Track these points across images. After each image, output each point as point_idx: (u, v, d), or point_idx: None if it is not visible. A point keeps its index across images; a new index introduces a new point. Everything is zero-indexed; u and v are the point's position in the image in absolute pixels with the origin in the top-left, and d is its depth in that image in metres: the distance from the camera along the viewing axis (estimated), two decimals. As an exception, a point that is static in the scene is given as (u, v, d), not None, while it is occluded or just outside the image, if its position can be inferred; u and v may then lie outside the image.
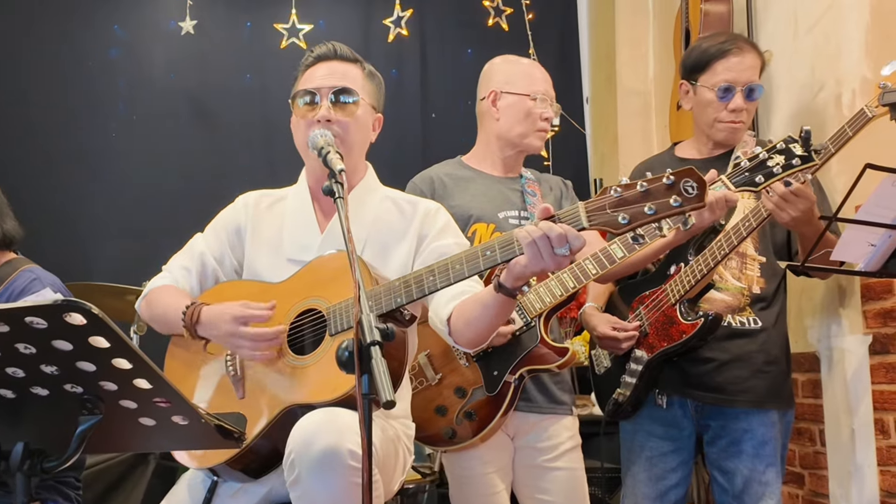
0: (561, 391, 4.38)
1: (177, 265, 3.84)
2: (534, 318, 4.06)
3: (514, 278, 3.11)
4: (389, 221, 3.77)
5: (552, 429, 4.32)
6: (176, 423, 2.43)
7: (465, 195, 4.49)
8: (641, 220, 2.84)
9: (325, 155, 3.30)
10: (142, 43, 7.86)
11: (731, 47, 4.56)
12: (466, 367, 4.17)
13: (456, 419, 4.13)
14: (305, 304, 3.51)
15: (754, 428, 4.50)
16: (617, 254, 3.92)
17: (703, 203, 2.80)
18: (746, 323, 4.57)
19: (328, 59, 3.76)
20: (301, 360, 3.40)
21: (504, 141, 4.53)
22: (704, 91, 4.60)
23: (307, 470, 3.00)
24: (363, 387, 2.48)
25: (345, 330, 3.32)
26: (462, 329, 3.45)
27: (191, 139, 7.77)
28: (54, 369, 2.28)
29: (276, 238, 3.81)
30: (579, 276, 4.01)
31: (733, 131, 4.61)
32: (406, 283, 3.29)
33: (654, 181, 2.84)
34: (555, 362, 4.05)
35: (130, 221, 7.63)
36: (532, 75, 4.56)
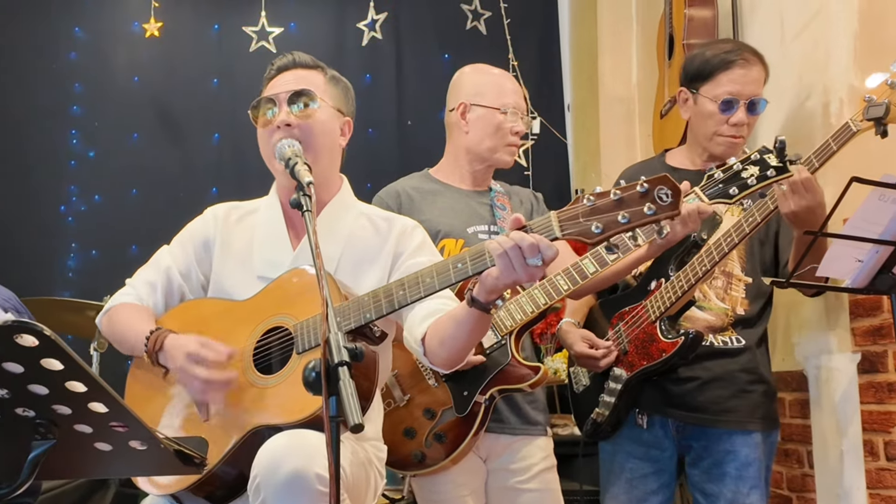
0: (535, 411, 4.36)
1: (141, 280, 3.81)
2: (504, 335, 4.05)
3: (487, 291, 3.11)
4: (364, 239, 3.74)
5: (525, 450, 4.30)
6: (133, 449, 2.40)
7: (432, 210, 4.47)
8: (615, 228, 2.87)
9: (292, 166, 3.27)
10: (104, 45, 7.84)
11: (736, 58, 4.53)
12: (435, 387, 4.14)
13: (425, 441, 4.10)
14: (272, 321, 3.48)
15: (737, 449, 4.50)
16: (589, 269, 3.92)
17: (678, 211, 2.82)
18: (729, 342, 4.57)
19: (288, 69, 3.77)
20: (267, 380, 3.37)
21: (473, 155, 4.52)
22: (705, 102, 4.56)
23: (273, 495, 2.98)
24: (331, 409, 2.47)
25: (312, 348, 3.29)
26: (436, 349, 3.42)
27: (155, 146, 7.74)
28: (4, 392, 2.25)
29: (246, 253, 3.78)
30: (550, 293, 4.01)
31: (732, 146, 4.57)
32: (376, 298, 3.27)
33: (627, 189, 2.87)
34: (527, 381, 4.03)
35: (91, 232, 7.59)
36: (503, 87, 4.54)
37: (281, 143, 3.45)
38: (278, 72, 3.77)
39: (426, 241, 3.78)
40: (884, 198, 3.69)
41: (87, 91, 7.78)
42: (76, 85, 7.80)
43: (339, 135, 3.79)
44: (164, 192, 7.61)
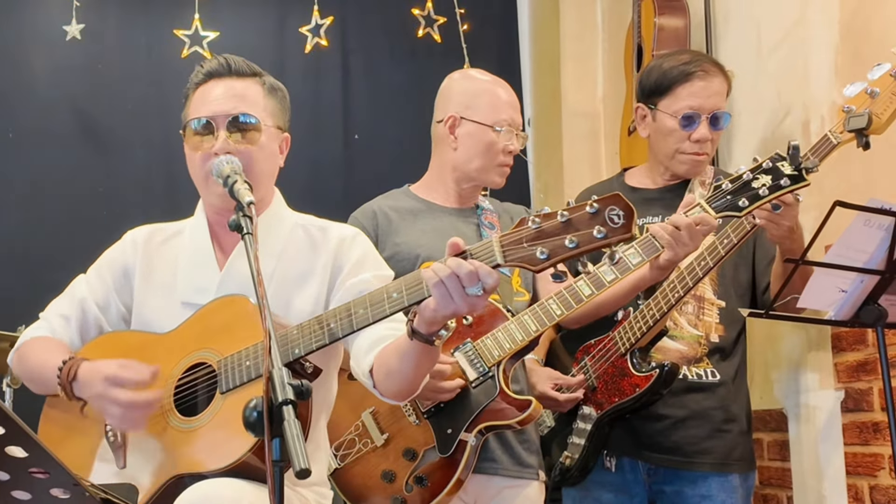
0: (527, 452, 4.32)
1: (54, 313, 3.76)
2: (492, 366, 4.00)
3: (428, 323, 3.07)
4: (299, 252, 3.70)
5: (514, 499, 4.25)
6: (55, 497, 2.37)
7: (412, 230, 4.44)
8: (562, 254, 2.84)
9: (231, 185, 3.21)
10: (19, 49, 7.70)
11: (695, 69, 4.53)
12: (417, 424, 4.09)
13: (406, 486, 4.05)
14: (195, 357, 3.44)
15: (714, 494, 4.51)
16: (584, 291, 3.90)
17: (631, 233, 2.79)
18: (704, 375, 4.58)
19: (221, 76, 3.67)
20: (189, 423, 3.33)
21: (460, 173, 4.48)
22: (665, 118, 4.57)
23: None
24: (274, 453, 2.42)
25: (237, 387, 3.25)
26: (384, 381, 3.39)
27: (78, 160, 7.60)
28: None
29: (170, 279, 3.72)
30: (542, 319, 3.98)
31: (696, 164, 4.60)
32: (304, 331, 3.24)
33: (575, 210, 2.84)
34: (516, 418, 3.98)
35: (4, 255, 7.47)
36: (497, 100, 4.48)
37: (218, 160, 3.38)
38: (208, 77, 3.68)
39: (368, 252, 3.73)
40: (869, 223, 3.71)
41: (3, 100, 7.68)
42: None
43: (278, 154, 3.76)
44: (83, 212, 7.48)
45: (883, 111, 3.79)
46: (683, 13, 6.21)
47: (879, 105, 3.80)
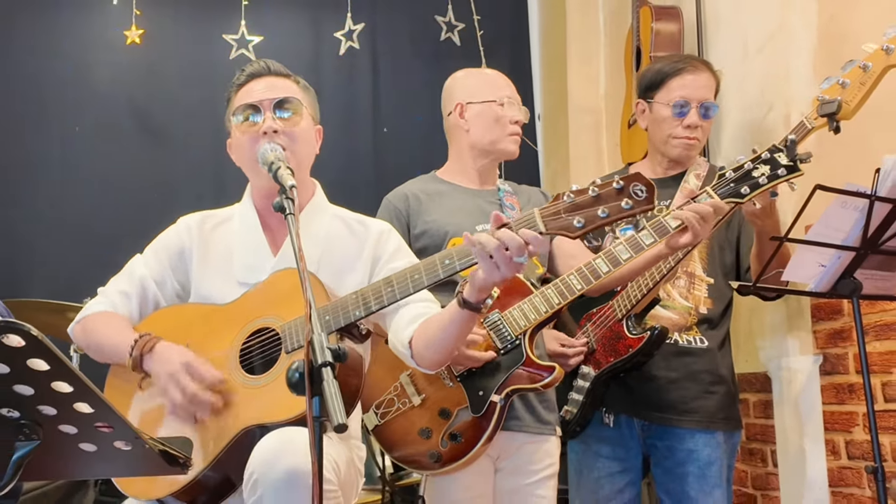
0: (546, 411, 4.28)
1: (115, 290, 3.73)
2: (518, 335, 3.97)
3: (478, 290, 3.10)
4: (341, 240, 3.70)
5: (536, 454, 4.22)
6: (118, 449, 2.35)
7: (440, 210, 4.40)
8: (596, 222, 2.95)
9: (275, 171, 3.22)
10: (85, 53, 7.70)
11: (685, 65, 4.59)
12: (450, 386, 4.05)
13: (441, 442, 4.01)
14: (258, 322, 3.43)
15: (699, 449, 4.50)
16: (602, 268, 3.87)
17: (653, 205, 2.93)
18: (693, 342, 4.58)
19: (261, 76, 3.69)
20: (255, 380, 3.33)
21: (477, 150, 4.45)
22: (660, 108, 4.61)
23: (270, 490, 2.95)
24: (314, 410, 2.43)
25: (300, 347, 3.24)
26: (423, 351, 3.39)
27: (136, 151, 7.61)
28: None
29: (226, 261, 3.71)
30: (564, 293, 3.94)
31: (688, 147, 4.62)
32: (364, 297, 3.26)
33: (604, 186, 2.96)
34: (541, 381, 3.95)
35: (72, 236, 7.46)
36: (495, 82, 4.50)
37: (264, 148, 3.40)
38: (250, 78, 3.70)
39: (402, 245, 3.75)
40: (846, 205, 3.71)
41: (67, 96, 7.65)
42: (55, 90, 7.67)
43: (314, 142, 3.76)
44: (141, 198, 7.50)
45: (852, 98, 3.83)
46: (678, 19, 6.22)
47: (849, 93, 3.84)
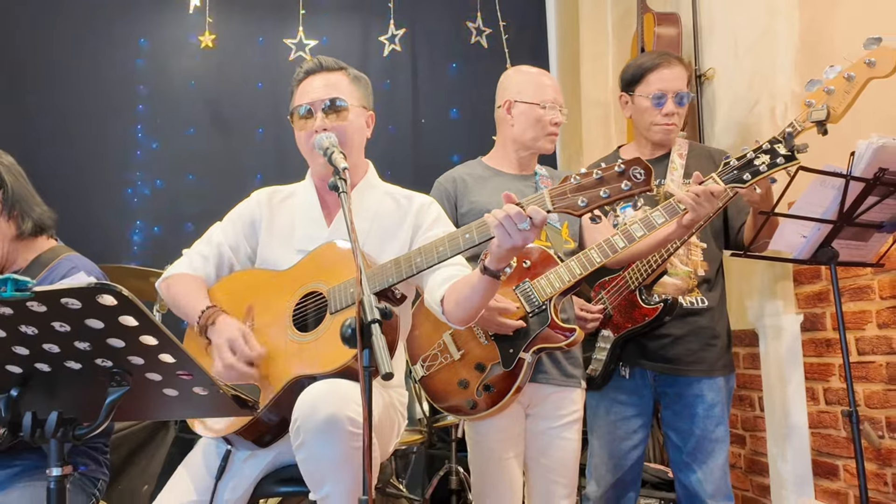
0: (572, 366, 4.28)
1: (196, 253, 3.76)
2: (545, 301, 3.97)
3: (496, 260, 3.11)
4: (388, 214, 3.69)
5: (562, 402, 4.22)
6: (196, 394, 2.35)
7: (483, 192, 4.38)
8: (598, 202, 2.97)
9: (329, 155, 3.24)
10: (165, 55, 7.78)
11: (661, 61, 4.64)
12: (485, 344, 4.06)
13: (477, 391, 4.04)
14: (308, 287, 3.45)
15: (705, 393, 4.52)
16: (619, 244, 3.88)
17: (650, 187, 2.95)
18: (695, 303, 4.58)
19: (315, 73, 3.70)
20: (304, 337, 3.34)
21: (518, 144, 4.42)
22: (641, 100, 4.65)
23: (311, 435, 2.95)
24: (365, 360, 2.44)
25: (343, 308, 3.28)
26: (453, 309, 3.37)
27: (208, 139, 7.69)
28: (87, 345, 2.20)
29: (288, 230, 3.73)
30: (585, 264, 3.94)
31: (667, 132, 4.66)
32: (397, 264, 3.28)
33: (607, 169, 2.97)
34: (563, 341, 3.96)
35: (154, 211, 7.57)
36: (541, 84, 4.44)
37: (319, 137, 3.42)
38: (307, 75, 3.71)
39: (441, 215, 3.73)
40: (825, 184, 3.73)
41: (151, 92, 7.74)
42: (141, 87, 7.74)
43: (365, 128, 3.74)
44: (215, 178, 7.57)
45: (838, 105, 3.78)
46: (677, 24, 6.21)
47: (835, 100, 3.78)
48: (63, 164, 7.36)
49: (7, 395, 2.39)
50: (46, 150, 7.35)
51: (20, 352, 2.26)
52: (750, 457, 5.40)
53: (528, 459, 4.26)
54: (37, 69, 7.60)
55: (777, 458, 5.06)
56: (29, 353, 2.26)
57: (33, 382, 2.37)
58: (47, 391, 2.39)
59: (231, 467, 3.47)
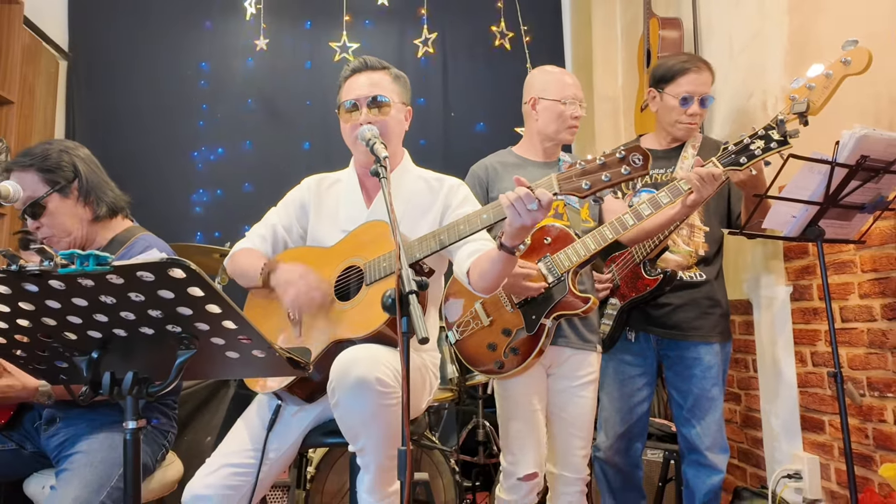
0: (588, 332, 4.29)
1: (255, 233, 3.83)
2: (563, 273, 3.98)
3: (510, 237, 3.12)
4: (421, 196, 3.71)
5: (580, 363, 4.23)
6: (255, 356, 2.37)
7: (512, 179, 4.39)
8: (599, 185, 2.97)
9: (371, 145, 3.26)
10: (224, 58, 7.80)
11: (691, 66, 4.58)
12: (511, 312, 4.07)
13: (504, 353, 4.06)
14: (349, 261, 3.49)
15: (702, 356, 4.52)
16: (628, 221, 3.88)
17: (647, 171, 2.93)
18: (694, 277, 4.59)
19: (361, 71, 3.70)
20: (343, 305, 3.38)
21: (543, 135, 4.41)
22: (669, 98, 4.61)
23: (343, 395, 2.99)
24: (403, 326, 2.46)
25: (377, 280, 3.33)
26: (477, 280, 3.39)
27: (263, 131, 7.71)
28: (158, 313, 2.22)
29: (333, 212, 3.77)
30: (599, 239, 3.94)
31: (689, 130, 4.64)
32: (424, 241, 3.31)
33: (609, 156, 2.97)
34: (580, 309, 3.97)
35: (216, 196, 7.59)
36: (563, 82, 4.43)
37: (362, 129, 3.43)
38: (353, 72, 3.72)
39: (468, 195, 3.74)
40: (812, 170, 3.73)
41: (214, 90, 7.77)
42: (205, 83, 7.79)
43: (404, 121, 3.75)
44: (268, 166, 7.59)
45: (818, 99, 3.78)
46: (679, 27, 6.18)
47: (815, 95, 3.78)
48: (136, 154, 7.42)
49: (88, 356, 2.43)
50: (121, 143, 7.41)
51: (100, 319, 2.28)
52: (745, 413, 5.38)
53: (550, 414, 4.27)
54: (111, 70, 7.66)
55: (769, 413, 5.07)
56: (108, 320, 2.29)
57: (111, 346, 2.40)
58: (124, 354, 2.42)
59: (281, 420, 3.51)
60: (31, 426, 3.79)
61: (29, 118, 6.96)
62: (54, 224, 3.74)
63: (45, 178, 3.71)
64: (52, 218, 3.73)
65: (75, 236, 3.78)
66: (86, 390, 2.46)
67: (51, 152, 3.76)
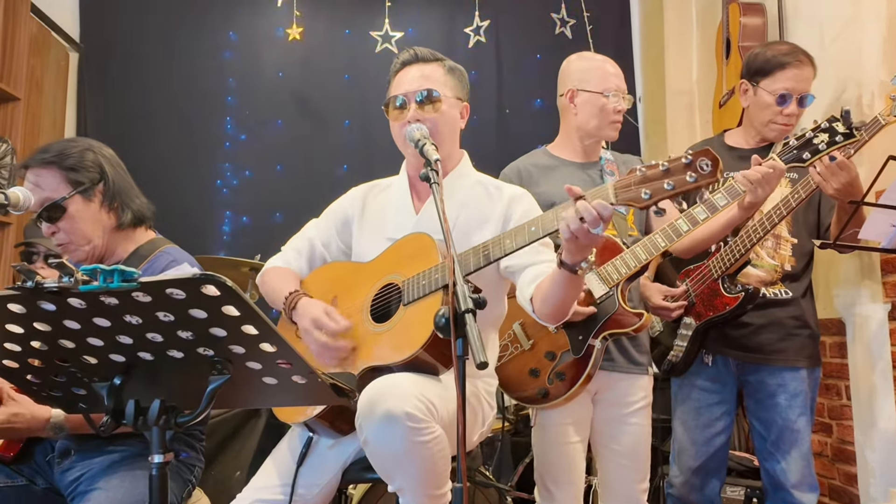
0: (638, 353, 4.27)
1: (290, 247, 3.86)
2: (612, 287, 3.95)
3: (569, 254, 3.05)
4: (478, 204, 3.67)
5: (630, 388, 4.22)
6: (295, 382, 2.36)
7: (549, 182, 4.36)
8: (661, 194, 2.85)
9: (421, 147, 3.25)
10: (254, 47, 7.84)
11: (792, 60, 4.50)
12: (555, 332, 4.05)
13: (548, 379, 4.04)
14: (387, 278, 3.47)
15: (787, 383, 4.48)
16: (682, 227, 3.84)
17: (716, 178, 2.79)
18: (779, 294, 4.55)
19: (411, 64, 3.69)
20: (379, 328, 3.35)
21: (583, 132, 4.39)
22: (764, 94, 4.54)
23: (371, 432, 2.96)
24: (458, 349, 2.44)
25: (415, 300, 3.27)
26: (541, 307, 3.34)
27: (296, 131, 7.73)
28: (189, 334, 2.22)
29: (379, 220, 3.76)
30: (650, 249, 3.91)
31: (783, 132, 4.56)
32: (466, 256, 3.27)
33: (674, 160, 2.86)
34: (631, 326, 3.93)
35: (243, 202, 7.62)
36: (604, 72, 4.39)
37: (410, 128, 3.42)
38: (403, 66, 3.71)
39: (532, 206, 3.67)
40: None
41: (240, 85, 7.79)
42: (230, 79, 7.78)
43: (459, 118, 3.73)
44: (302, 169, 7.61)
45: (924, 101, 3.74)
46: (762, 14, 6.17)
47: None
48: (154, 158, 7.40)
49: (110, 383, 2.42)
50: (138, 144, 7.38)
51: (124, 341, 2.28)
52: (837, 445, 5.34)
53: (598, 446, 4.25)
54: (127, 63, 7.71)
55: (864, 447, 5.01)
56: (132, 342, 2.28)
57: (136, 371, 2.40)
58: (150, 379, 2.41)
59: (315, 453, 3.51)
60: (42, 459, 3.77)
61: (37, 116, 7.00)
62: (73, 230, 3.70)
63: (67, 177, 3.68)
64: (72, 223, 3.69)
65: (95, 245, 3.74)
66: (107, 420, 2.45)
67: (74, 149, 3.73)
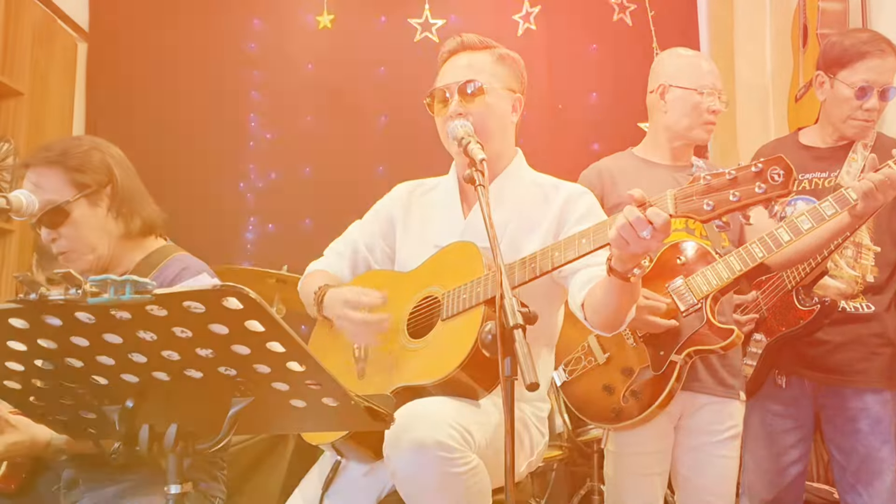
0: (729, 374, 4.25)
1: (332, 249, 3.90)
2: (700, 299, 3.95)
3: (619, 261, 3.04)
4: (533, 205, 3.65)
5: (718, 414, 4.20)
6: (326, 405, 2.36)
7: (632, 185, 4.36)
8: (725, 206, 2.80)
9: (465, 145, 3.24)
10: (281, 36, 7.84)
11: (873, 49, 4.45)
12: (633, 346, 4.06)
13: (623, 398, 4.04)
14: (426, 291, 3.49)
15: (870, 407, 4.46)
16: (783, 237, 3.84)
17: (788, 190, 2.73)
18: (860, 308, 4.51)
19: (457, 52, 3.69)
20: (415, 343, 3.38)
21: (672, 133, 4.41)
22: (842, 87, 4.49)
23: (399, 463, 2.96)
24: (505, 369, 2.45)
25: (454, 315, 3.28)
26: (591, 315, 3.34)
27: (327, 128, 7.69)
28: (209, 352, 2.22)
29: (425, 225, 3.77)
30: (745, 260, 3.91)
31: (864, 129, 4.52)
32: (512, 269, 3.25)
33: (742, 169, 2.80)
34: (719, 343, 3.93)
35: (268, 205, 7.60)
36: (699, 68, 4.42)
37: (453, 125, 3.41)
38: (449, 55, 3.71)
39: (593, 208, 3.65)
40: None
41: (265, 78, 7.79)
42: (255, 72, 7.79)
43: (510, 112, 3.71)
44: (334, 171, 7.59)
45: None
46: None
47: None
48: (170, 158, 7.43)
49: (122, 406, 2.42)
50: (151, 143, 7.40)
51: (137, 359, 2.29)
52: (926, 478, 5.28)
53: (680, 477, 4.23)
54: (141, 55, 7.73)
55: (957, 479, 4.93)
56: (147, 361, 2.29)
57: (150, 393, 2.40)
58: (165, 402, 2.42)
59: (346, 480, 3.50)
60: (47, 490, 3.78)
61: (41, 112, 7.01)
62: (76, 237, 3.70)
63: (72, 178, 3.67)
64: (75, 229, 3.69)
65: (99, 255, 3.74)
66: (118, 447, 2.45)
67: (79, 148, 3.74)
